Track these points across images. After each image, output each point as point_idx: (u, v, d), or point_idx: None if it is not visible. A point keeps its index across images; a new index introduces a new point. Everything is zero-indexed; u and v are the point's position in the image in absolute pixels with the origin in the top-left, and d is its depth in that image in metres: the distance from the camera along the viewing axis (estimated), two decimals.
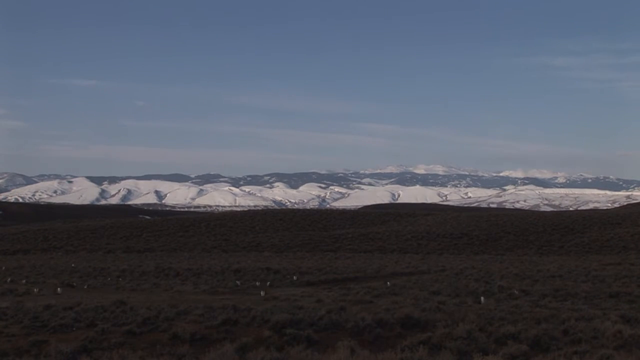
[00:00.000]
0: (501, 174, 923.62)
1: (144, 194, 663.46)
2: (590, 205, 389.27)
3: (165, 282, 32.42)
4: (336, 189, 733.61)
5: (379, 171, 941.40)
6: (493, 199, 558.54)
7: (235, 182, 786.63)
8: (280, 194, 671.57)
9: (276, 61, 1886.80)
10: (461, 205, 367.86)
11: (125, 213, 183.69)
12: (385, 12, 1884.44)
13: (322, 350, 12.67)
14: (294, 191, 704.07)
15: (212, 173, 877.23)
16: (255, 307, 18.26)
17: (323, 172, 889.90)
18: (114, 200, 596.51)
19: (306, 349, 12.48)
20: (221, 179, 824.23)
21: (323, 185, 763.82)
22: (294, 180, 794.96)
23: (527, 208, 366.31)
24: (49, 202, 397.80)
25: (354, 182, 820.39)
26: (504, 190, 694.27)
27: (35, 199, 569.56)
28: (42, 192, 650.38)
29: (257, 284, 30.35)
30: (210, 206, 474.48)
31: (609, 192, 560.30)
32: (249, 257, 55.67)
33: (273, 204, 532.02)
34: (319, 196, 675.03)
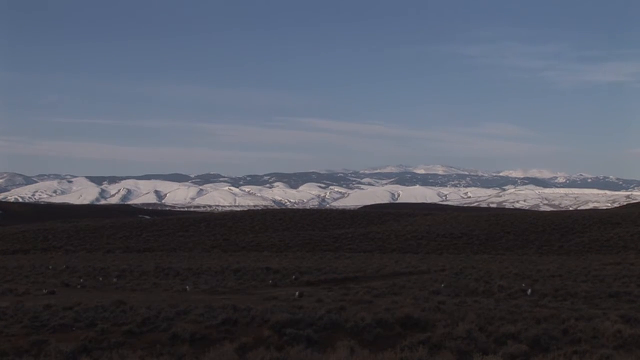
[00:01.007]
0: (501, 174, 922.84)
1: (144, 194, 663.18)
2: (590, 205, 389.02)
3: (165, 282, 32.45)
4: (336, 189, 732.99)
5: (379, 171, 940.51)
6: (493, 199, 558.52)
7: (235, 182, 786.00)
8: (280, 194, 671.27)
9: (276, 61, 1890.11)
10: (461, 205, 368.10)
11: (125, 213, 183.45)
12: (386, 11, 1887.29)
13: (322, 350, 12.68)
14: (294, 191, 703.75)
15: (212, 173, 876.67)
16: (255, 307, 18.27)
17: (323, 172, 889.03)
18: (114, 200, 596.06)
19: (306, 349, 12.49)
20: (221, 179, 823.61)
21: (323, 185, 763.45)
22: (294, 180, 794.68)
23: (527, 208, 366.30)
24: (49, 202, 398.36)
25: (354, 182, 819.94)
26: (504, 190, 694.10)
27: (35, 199, 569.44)
28: (42, 192, 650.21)
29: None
30: (210, 206, 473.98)
31: (609, 192, 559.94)
32: (249, 257, 55.71)
33: (273, 204, 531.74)
34: (319, 196, 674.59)
